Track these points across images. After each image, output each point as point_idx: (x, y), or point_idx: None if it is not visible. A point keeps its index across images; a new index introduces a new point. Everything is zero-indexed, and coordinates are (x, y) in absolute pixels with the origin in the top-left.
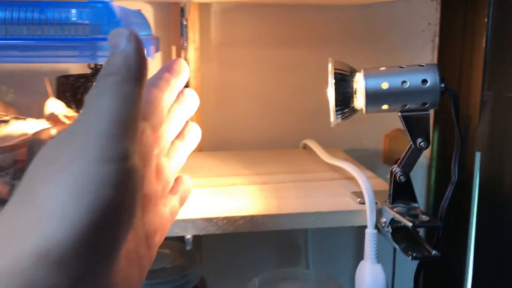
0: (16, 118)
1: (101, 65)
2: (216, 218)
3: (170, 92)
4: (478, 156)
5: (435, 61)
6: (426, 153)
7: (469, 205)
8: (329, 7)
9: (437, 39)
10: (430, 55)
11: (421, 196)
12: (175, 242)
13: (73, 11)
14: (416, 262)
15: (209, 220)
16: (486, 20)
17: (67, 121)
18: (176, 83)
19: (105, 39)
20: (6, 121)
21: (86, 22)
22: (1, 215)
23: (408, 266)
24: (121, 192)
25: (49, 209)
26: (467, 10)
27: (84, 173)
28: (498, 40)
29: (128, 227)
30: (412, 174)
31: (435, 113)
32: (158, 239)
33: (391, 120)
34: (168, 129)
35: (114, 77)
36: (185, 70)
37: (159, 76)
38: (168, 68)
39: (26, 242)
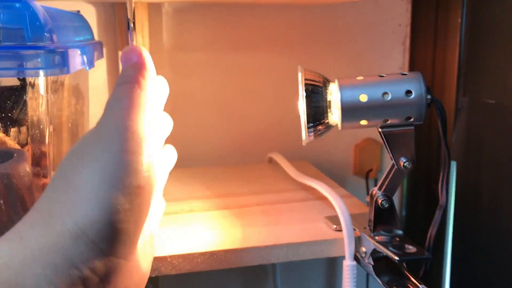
0: None
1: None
2: (171, 256)
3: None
4: (454, 165)
5: (406, 64)
6: None
7: (445, 216)
8: (291, 7)
9: (408, 41)
10: (401, 58)
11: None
12: None
13: None
14: None
15: (162, 259)
16: (459, 20)
17: None
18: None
19: (28, 47)
20: None
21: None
22: (39, 203)
23: None
24: (144, 177)
25: (84, 193)
26: (439, 10)
27: (113, 162)
28: (473, 42)
29: (147, 211)
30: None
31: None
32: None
33: (361, 129)
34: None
35: (129, 85)
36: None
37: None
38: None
39: (65, 222)
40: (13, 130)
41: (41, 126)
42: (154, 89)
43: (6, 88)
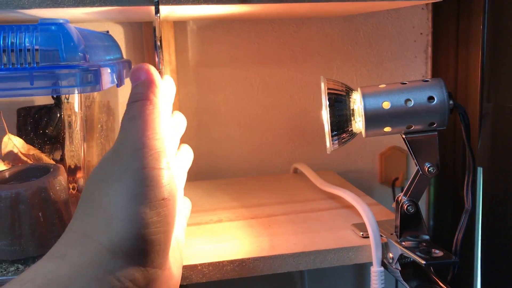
0: None
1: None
2: (201, 264)
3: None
4: (480, 171)
5: (429, 73)
6: None
7: (473, 223)
8: (312, 20)
9: (430, 50)
10: (423, 67)
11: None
12: None
13: (23, 34)
14: None
15: (193, 267)
16: (481, 27)
17: (27, 160)
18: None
19: (63, 67)
20: None
21: (37, 47)
22: (73, 224)
23: None
24: (167, 189)
25: (113, 213)
26: (460, 17)
27: (135, 180)
28: (496, 48)
29: (174, 219)
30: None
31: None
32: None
33: (386, 137)
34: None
35: (141, 102)
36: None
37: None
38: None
39: (100, 240)
40: (48, 147)
41: (76, 142)
42: (164, 100)
43: (41, 107)
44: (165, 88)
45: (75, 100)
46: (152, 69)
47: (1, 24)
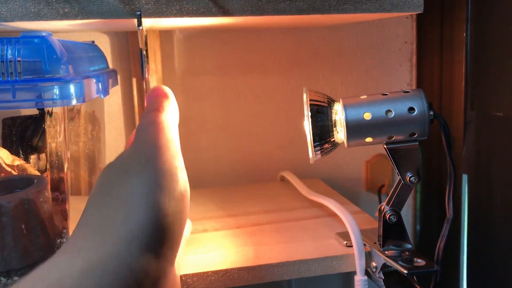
0: None
1: (46, 109)
2: (185, 275)
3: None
4: (465, 178)
5: (414, 81)
6: None
7: (459, 229)
8: (298, 30)
9: (414, 58)
10: (408, 75)
11: (407, 222)
12: None
13: (5, 46)
14: None
15: None
16: (464, 35)
17: (12, 171)
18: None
19: (46, 80)
20: None
21: (19, 59)
22: (86, 219)
23: None
24: (183, 185)
25: (135, 203)
26: (444, 26)
27: (157, 173)
28: (479, 56)
29: (185, 221)
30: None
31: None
32: None
33: (371, 145)
34: None
35: (156, 112)
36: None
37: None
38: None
39: (119, 231)
40: (32, 157)
41: (59, 153)
42: (175, 111)
43: (26, 118)
44: (173, 99)
45: (59, 112)
46: (166, 88)
47: None
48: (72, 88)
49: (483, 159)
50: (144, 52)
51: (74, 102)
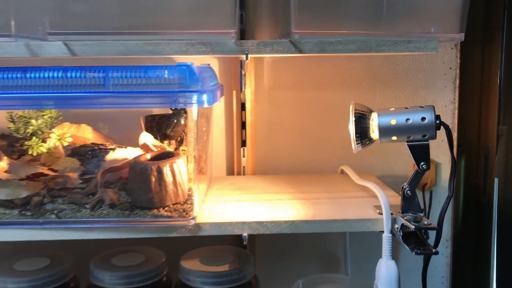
0: (119, 146)
1: (178, 109)
2: (266, 221)
3: None
4: (496, 181)
5: (457, 100)
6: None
7: (490, 225)
8: (361, 56)
9: (457, 81)
10: (452, 95)
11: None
12: (234, 247)
13: (166, 71)
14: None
15: (260, 223)
16: (499, 63)
17: (155, 149)
18: None
19: (188, 91)
20: (113, 149)
21: (175, 78)
22: None
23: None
24: None
25: None
26: (484, 53)
27: None
28: (510, 82)
29: None
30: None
31: (458, 145)
32: None
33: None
34: None
35: None
36: None
37: None
38: None
39: None
40: (165, 142)
41: (192, 139)
42: None
43: (161, 115)
44: None
45: (194, 112)
46: None
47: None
48: (205, 96)
49: (511, 166)
50: (244, 73)
51: (205, 105)
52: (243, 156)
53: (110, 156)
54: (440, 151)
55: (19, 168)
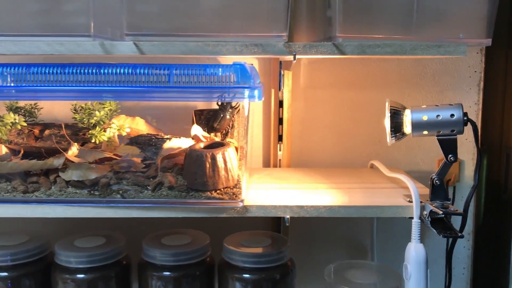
0: (174, 137)
1: (224, 103)
2: (306, 206)
3: None
4: None
5: (481, 102)
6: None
7: (510, 220)
8: (390, 59)
9: (482, 84)
10: (476, 96)
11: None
12: (271, 232)
13: (220, 69)
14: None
15: (300, 207)
16: None
17: (204, 140)
18: None
19: (241, 87)
20: (169, 138)
21: (230, 75)
22: None
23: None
24: None
25: None
26: (508, 58)
27: None
28: None
29: None
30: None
31: (481, 145)
32: None
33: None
34: None
35: None
36: None
37: None
38: None
39: None
40: (212, 134)
41: (242, 131)
42: None
43: (209, 110)
44: None
45: (245, 106)
46: None
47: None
48: (256, 92)
49: None
50: (283, 72)
51: (256, 100)
52: (279, 150)
53: (167, 144)
54: (464, 149)
55: (87, 153)
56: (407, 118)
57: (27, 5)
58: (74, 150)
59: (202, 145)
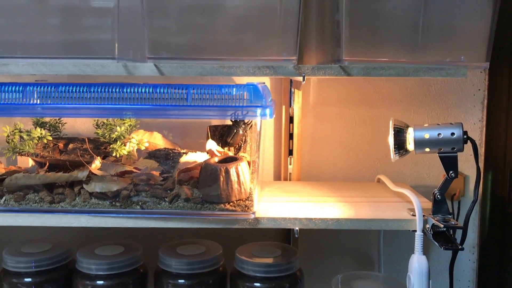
0: (190, 151)
1: (237, 120)
2: (314, 218)
3: None
4: None
5: (485, 119)
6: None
7: None
8: (397, 78)
9: (485, 101)
10: (480, 114)
11: (474, 226)
12: (281, 243)
13: (234, 89)
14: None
15: (309, 219)
16: None
17: (219, 154)
18: None
19: (254, 106)
20: (185, 153)
21: (243, 94)
22: None
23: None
24: None
25: None
26: (511, 76)
27: None
28: None
29: None
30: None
31: (485, 160)
32: None
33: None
34: None
35: None
36: None
37: None
38: None
39: None
40: (225, 149)
41: (254, 146)
42: None
43: (223, 126)
44: None
45: (258, 123)
46: None
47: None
48: (267, 110)
49: None
50: (293, 90)
51: (268, 118)
52: (290, 164)
53: (183, 158)
54: (468, 165)
55: (109, 167)
56: (410, 136)
57: (56, 30)
58: (97, 163)
59: (216, 159)
